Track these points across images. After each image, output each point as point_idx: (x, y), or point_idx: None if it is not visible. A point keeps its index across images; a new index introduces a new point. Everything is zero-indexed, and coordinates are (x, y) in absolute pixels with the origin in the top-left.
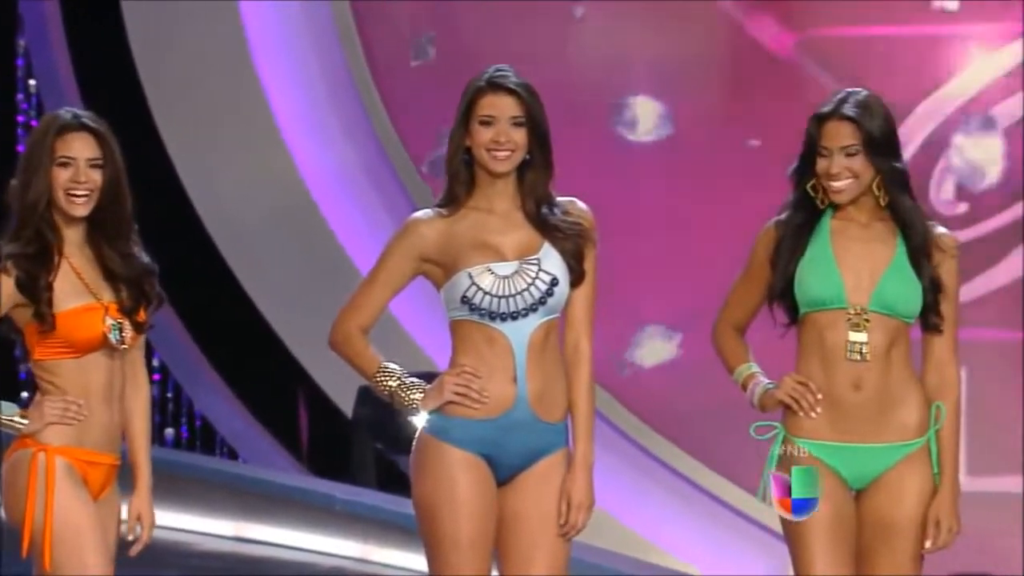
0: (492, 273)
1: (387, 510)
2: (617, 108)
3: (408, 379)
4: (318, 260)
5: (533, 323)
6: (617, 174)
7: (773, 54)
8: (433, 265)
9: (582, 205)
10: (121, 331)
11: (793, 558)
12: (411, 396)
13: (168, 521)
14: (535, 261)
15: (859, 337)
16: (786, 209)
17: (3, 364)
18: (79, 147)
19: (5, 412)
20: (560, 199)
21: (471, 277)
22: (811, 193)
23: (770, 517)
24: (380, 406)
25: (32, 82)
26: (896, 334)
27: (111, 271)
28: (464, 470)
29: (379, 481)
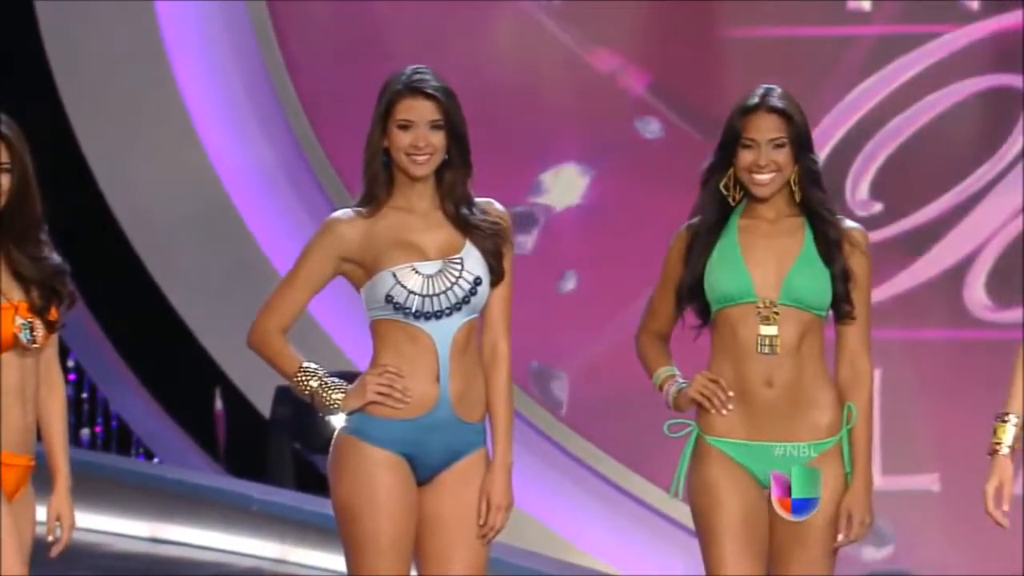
0: (416, 272)
1: (305, 510)
2: (538, 108)
3: (329, 379)
4: (235, 260)
5: (456, 323)
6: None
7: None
8: (353, 265)
9: (499, 206)
10: (32, 330)
11: (704, 557)
12: (332, 396)
13: (83, 522)
14: (458, 260)
15: (769, 331)
16: (697, 211)
17: None
18: None
19: None
20: (478, 199)
21: (395, 276)
22: (723, 192)
23: (686, 515)
24: (298, 406)
25: None
26: (807, 328)
27: (20, 273)
28: (384, 470)
29: (297, 481)
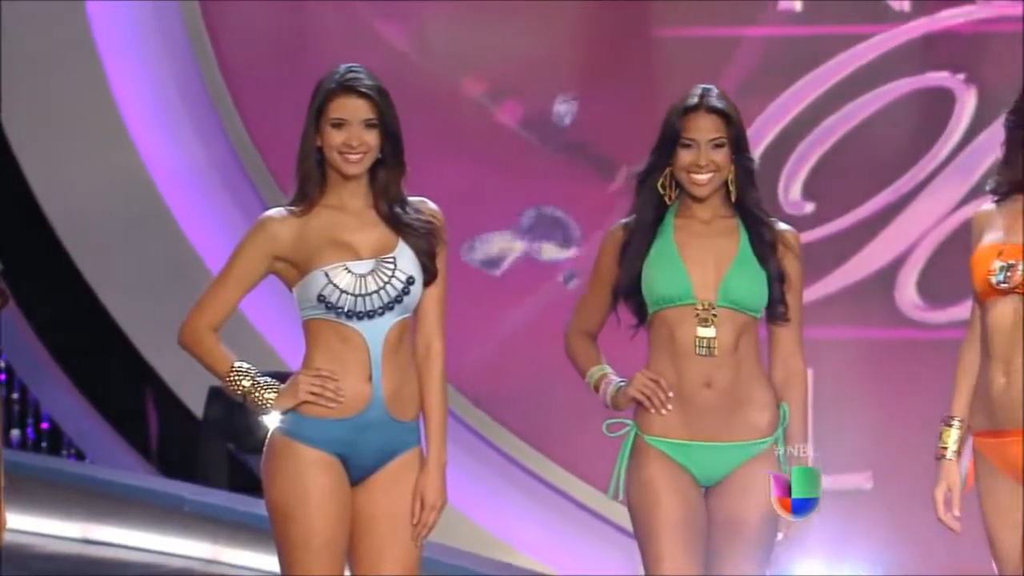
0: (349, 272)
1: (237, 511)
2: (479, 109)
3: (261, 378)
4: (168, 259)
5: (389, 322)
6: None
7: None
8: (286, 264)
9: (432, 205)
10: None
11: (643, 556)
12: (265, 396)
13: (13, 523)
14: (391, 260)
15: (707, 332)
16: (633, 210)
17: None
18: None
19: None
20: (411, 198)
21: (327, 276)
22: (660, 191)
23: (623, 516)
24: (231, 406)
25: None
26: (743, 329)
27: None
28: (318, 470)
29: (229, 482)
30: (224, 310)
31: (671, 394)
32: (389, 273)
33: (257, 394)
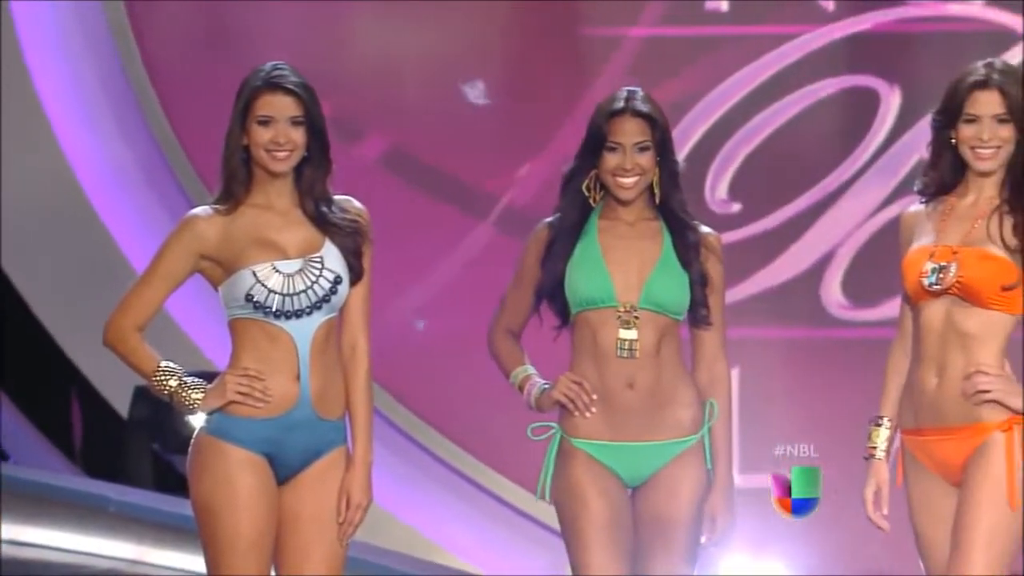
0: (277, 271)
1: (162, 511)
2: (401, 108)
3: (188, 378)
4: (92, 258)
5: (316, 321)
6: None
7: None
8: (211, 263)
9: (358, 204)
10: None
11: (570, 558)
12: (192, 396)
13: None
14: (318, 259)
15: (629, 334)
16: (557, 210)
17: None
18: None
19: None
20: (336, 197)
21: (256, 275)
22: (585, 193)
23: (550, 516)
24: (156, 406)
25: None
26: (666, 331)
27: None
28: (244, 470)
29: (155, 482)
30: (149, 309)
31: (595, 396)
32: (317, 273)
33: (184, 394)
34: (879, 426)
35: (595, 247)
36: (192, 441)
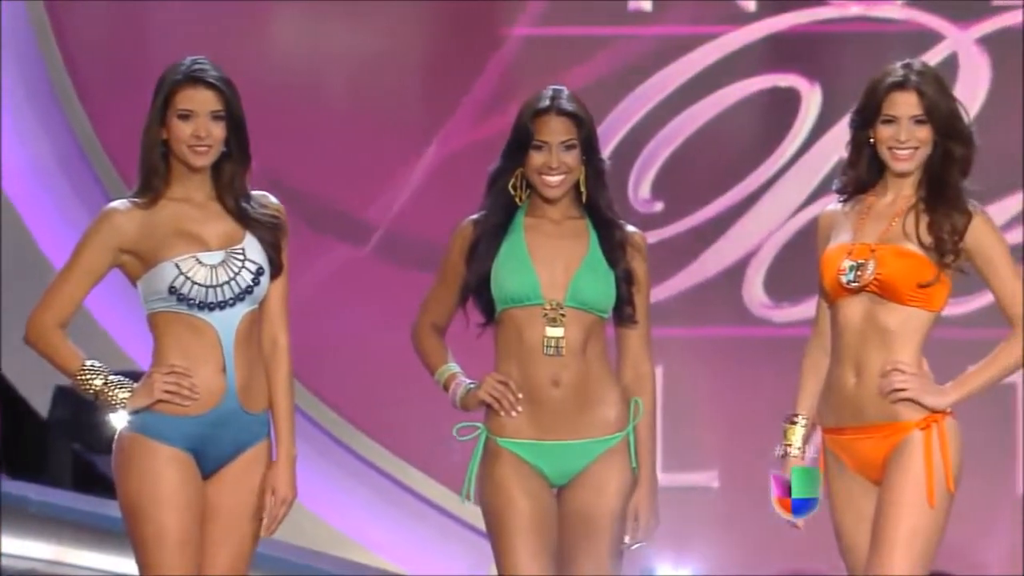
0: (199, 263)
1: (82, 511)
2: (325, 109)
3: (114, 377)
4: (12, 256)
5: (239, 313)
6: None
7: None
8: (131, 256)
9: (274, 200)
10: None
11: (496, 556)
12: (118, 395)
13: None
14: (240, 251)
15: (555, 332)
16: (483, 208)
17: None
18: None
19: None
20: (254, 192)
21: (178, 267)
22: (511, 192)
23: (474, 516)
24: (77, 406)
25: None
26: (592, 329)
27: None
28: (170, 467)
29: (76, 482)
30: (71, 306)
31: (521, 396)
32: (239, 264)
33: (110, 393)
34: (794, 424)
35: (521, 245)
36: (116, 440)
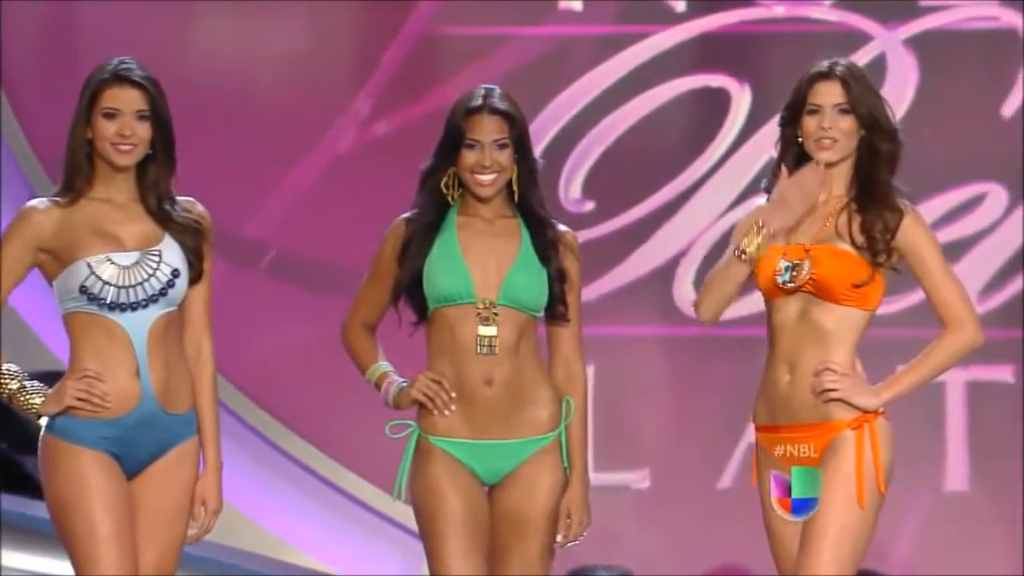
0: (112, 263)
1: (8, 511)
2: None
3: (29, 383)
4: None
5: (153, 315)
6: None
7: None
8: (48, 255)
9: (201, 207)
10: None
11: (428, 556)
12: (31, 401)
13: None
14: (156, 252)
15: (488, 331)
16: (415, 206)
17: None
18: None
19: None
20: (180, 198)
21: (90, 266)
22: (443, 190)
23: (406, 516)
24: (3, 405)
25: None
26: (524, 328)
27: None
28: (94, 469)
29: (1, 482)
30: None
31: (453, 395)
32: (154, 265)
33: (24, 398)
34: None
35: (454, 244)
36: (40, 441)
